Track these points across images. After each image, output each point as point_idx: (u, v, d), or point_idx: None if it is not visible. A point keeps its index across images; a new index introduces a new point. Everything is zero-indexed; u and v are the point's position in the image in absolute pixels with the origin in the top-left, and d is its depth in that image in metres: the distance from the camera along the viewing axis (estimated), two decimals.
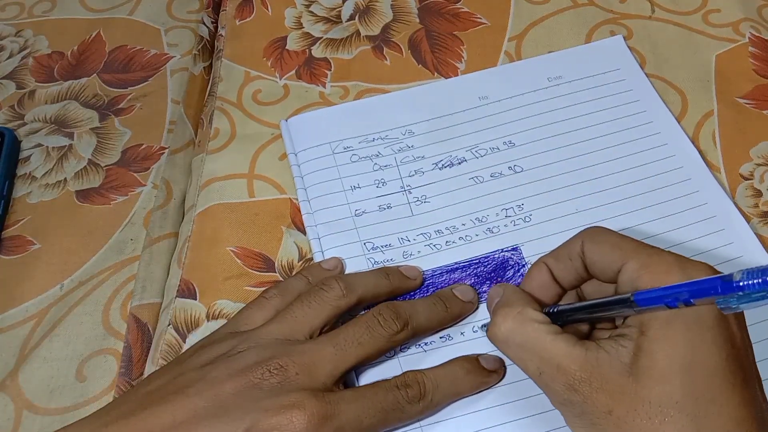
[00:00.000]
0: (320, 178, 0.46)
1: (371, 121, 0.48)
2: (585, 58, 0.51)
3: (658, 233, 0.43)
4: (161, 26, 0.57)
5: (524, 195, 0.45)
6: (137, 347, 0.42)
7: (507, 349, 0.33)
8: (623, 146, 0.46)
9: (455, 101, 0.49)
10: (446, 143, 0.47)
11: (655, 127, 0.47)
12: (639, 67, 0.51)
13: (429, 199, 0.45)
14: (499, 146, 0.47)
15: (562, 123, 0.48)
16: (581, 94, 0.49)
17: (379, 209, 0.44)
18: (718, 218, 0.43)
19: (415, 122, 0.48)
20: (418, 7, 0.56)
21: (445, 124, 0.48)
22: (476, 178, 0.46)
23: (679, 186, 0.44)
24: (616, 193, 0.44)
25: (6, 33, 0.57)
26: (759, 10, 0.54)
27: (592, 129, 0.47)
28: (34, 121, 0.52)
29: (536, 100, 0.49)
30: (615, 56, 0.51)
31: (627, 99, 0.49)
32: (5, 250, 0.46)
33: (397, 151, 0.47)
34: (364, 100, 0.51)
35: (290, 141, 0.48)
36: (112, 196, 0.48)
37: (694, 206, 0.44)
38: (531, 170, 0.46)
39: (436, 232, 0.43)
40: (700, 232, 0.42)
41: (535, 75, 0.50)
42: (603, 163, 0.46)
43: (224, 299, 0.42)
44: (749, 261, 0.42)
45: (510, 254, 0.42)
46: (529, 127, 0.48)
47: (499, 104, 0.49)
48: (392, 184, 0.46)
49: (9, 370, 0.41)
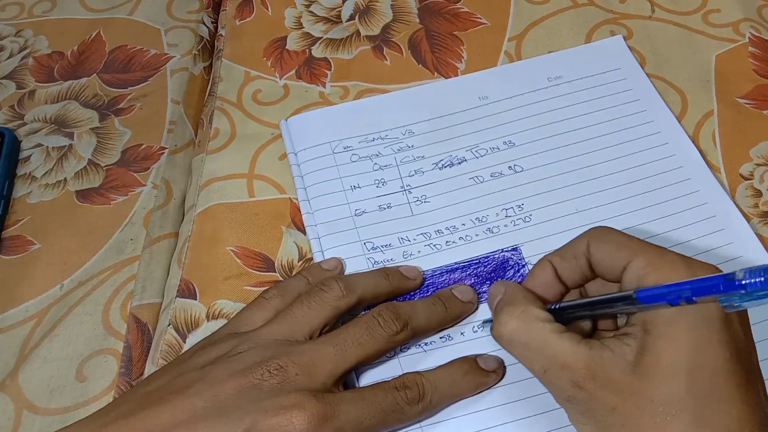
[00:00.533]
0: (320, 178, 0.46)
1: (371, 121, 0.48)
2: (585, 57, 0.51)
3: (658, 233, 0.43)
4: (161, 26, 0.57)
5: (524, 195, 0.45)
6: (137, 347, 0.41)
7: (512, 348, 0.33)
8: (623, 146, 0.46)
9: (455, 101, 0.49)
10: (446, 143, 0.47)
11: (655, 127, 0.47)
12: (639, 67, 0.51)
13: (429, 199, 0.45)
14: (499, 146, 0.47)
15: (562, 123, 0.48)
16: (581, 93, 0.49)
17: (379, 209, 0.44)
18: (718, 218, 0.43)
19: (415, 122, 0.48)
20: (418, 7, 0.56)
21: (445, 124, 0.48)
22: (476, 177, 0.45)
23: (679, 186, 0.44)
24: (616, 193, 0.44)
25: (6, 33, 0.57)
26: (759, 10, 0.54)
27: (592, 129, 0.47)
28: (34, 121, 0.52)
29: (536, 100, 0.49)
30: (615, 56, 0.51)
31: (627, 98, 0.49)
32: (5, 250, 0.46)
33: (397, 151, 0.47)
34: (364, 99, 0.50)
35: (290, 140, 0.48)
36: (112, 196, 0.48)
37: (694, 206, 0.44)
38: (531, 170, 0.46)
39: (436, 232, 0.43)
40: (700, 231, 0.42)
41: (535, 75, 0.50)
42: (603, 163, 0.46)
43: (224, 299, 0.42)
44: (749, 260, 0.42)
45: (510, 254, 0.42)
46: (529, 127, 0.48)
47: (499, 104, 0.49)
48: (392, 183, 0.46)
49: (9, 370, 0.41)
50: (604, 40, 0.53)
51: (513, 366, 0.38)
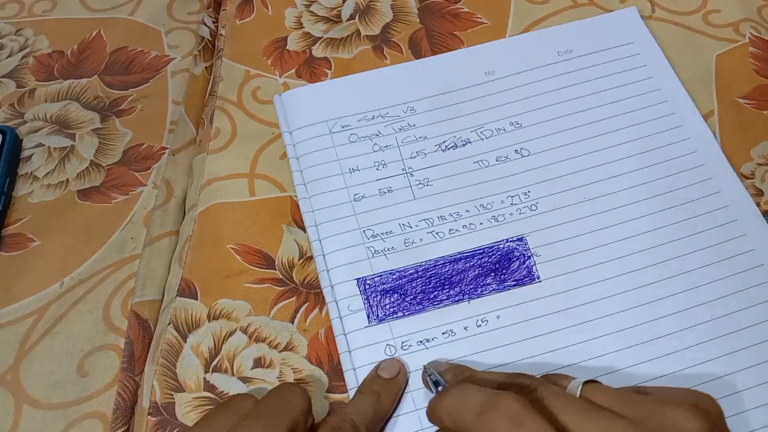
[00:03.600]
0: (317, 160, 0.44)
1: (371, 98, 0.47)
2: (597, 30, 0.49)
3: (668, 224, 0.42)
4: (161, 27, 0.57)
5: (531, 181, 0.43)
6: (138, 343, 0.41)
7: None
8: (635, 128, 0.45)
9: (460, 76, 0.48)
10: (450, 122, 0.46)
11: (669, 107, 0.45)
12: (654, 41, 0.49)
13: (431, 183, 0.43)
14: (505, 127, 0.45)
15: (572, 102, 0.46)
16: (592, 70, 0.47)
17: (379, 193, 0.43)
18: (731, 208, 0.42)
19: (417, 99, 0.47)
20: (418, 6, 0.56)
21: (449, 102, 0.46)
22: (481, 161, 0.44)
23: (692, 172, 0.43)
24: (626, 180, 0.43)
25: (6, 31, 0.57)
26: (759, 11, 0.54)
27: (603, 109, 0.45)
28: (34, 119, 0.52)
29: (545, 77, 0.47)
30: (629, 29, 0.49)
31: (641, 75, 0.47)
32: (5, 247, 0.46)
33: (398, 131, 0.45)
34: (363, 73, 0.49)
35: (284, 118, 0.46)
36: (113, 195, 0.48)
37: (707, 194, 0.42)
38: (538, 154, 0.44)
39: (439, 218, 0.42)
40: (713, 222, 0.42)
41: (545, 48, 0.49)
42: (613, 147, 0.44)
43: (224, 298, 0.42)
44: (762, 254, 0.41)
45: (516, 244, 0.41)
46: (537, 106, 0.46)
47: (506, 80, 0.47)
48: (393, 166, 0.44)
49: (9, 365, 0.41)
50: (617, 12, 0.51)
51: (515, 365, 0.38)
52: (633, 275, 0.40)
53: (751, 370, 0.38)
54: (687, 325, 0.39)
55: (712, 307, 0.40)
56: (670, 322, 0.39)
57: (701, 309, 0.40)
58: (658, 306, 0.40)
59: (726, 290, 0.40)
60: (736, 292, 0.40)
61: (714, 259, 0.41)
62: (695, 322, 0.39)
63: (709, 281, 0.40)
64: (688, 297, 0.40)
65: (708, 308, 0.40)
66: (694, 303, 0.40)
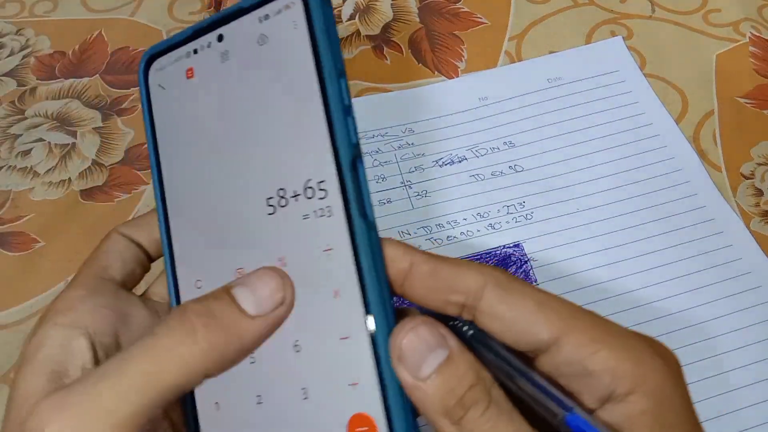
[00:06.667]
0: None
1: (371, 119, 0.48)
2: (584, 59, 0.51)
3: (656, 234, 0.43)
4: (162, 28, 0.57)
5: (525, 193, 0.45)
6: None
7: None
8: (622, 148, 0.47)
9: (455, 102, 0.50)
10: (446, 142, 0.47)
11: (654, 129, 0.47)
12: (638, 69, 0.51)
13: (429, 194, 0.45)
14: (499, 146, 0.47)
15: (562, 124, 0.48)
16: (580, 95, 0.49)
17: (379, 204, 0.44)
18: (716, 221, 0.43)
19: (415, 121, 0.48)
20: (419, 6, 0.56)
21: (445, 124, 0.48)
22: (477, 176, 0.46)
23: (678, 188, 0.45)
24: (616, 194, 0.44)
25: (6, 31, 0.57)
26: (759, 10, 0.54)
27: (592, 130, 0.47)
28: (35, 116, 0.52)
29: (536, 101, 0.49)
30: (614, 58, 0.51)
31: (626, 101, 0.49)
32: (9, 246, 0.46)
33: (396, 148, 0.47)
34: (364, 97, 0.51)
35: None
36: (116, 194, 0.48)
37: (692, 208, 0.44)
38: (531, 170, 0.46)
39: (437, 226, 0.43)
40: (699, 234, 0.43)
41: (535, 76, 0.51)
42: (602, 164, 0.46)
43: None
44: (747, 263, 0.42)
45: (512, 250, 0.42)
46: (528, 128, 0.48)
47: (498, 105, 0.49)
48: (392, 179, 0.46)
49: (13, 363, 0.41)
50: (604, 42, 0.53)
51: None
52: (621, 281, 0.41)
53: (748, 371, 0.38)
54: (675, 328, 0.40)
55: (698, 309, 0.40)
56: (658, 324, 0.40)
57: (689, 312, 0.40)
58: (647, 309, 0.41)
59: (713, 295, 0.41)
60: (723, 297, 0.41)
61: (700, 267, 0.42)
62: (683, 325, 0.40)
63: (696, 287, 0.41)
64: (672, 302, 0.41)
65: (694, 311, 0.40)
66: (680, 308, 0.40)
